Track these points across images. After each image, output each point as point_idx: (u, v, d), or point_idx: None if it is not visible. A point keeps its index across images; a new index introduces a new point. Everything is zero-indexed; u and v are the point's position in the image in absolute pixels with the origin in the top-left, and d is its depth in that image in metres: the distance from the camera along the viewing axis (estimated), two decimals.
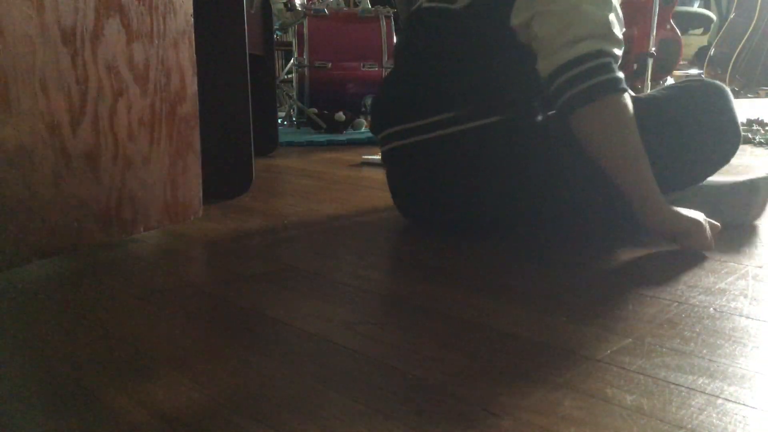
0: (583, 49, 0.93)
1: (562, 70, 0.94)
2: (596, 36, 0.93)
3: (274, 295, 0.87)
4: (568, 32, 0.94)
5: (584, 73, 0.93)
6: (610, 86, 0.93)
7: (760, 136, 2.40)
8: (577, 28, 0.94)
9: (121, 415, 0.56)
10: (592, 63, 0.93)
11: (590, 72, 0.93)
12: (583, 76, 0.93)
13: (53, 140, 0.91)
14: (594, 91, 0.93)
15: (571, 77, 0.93)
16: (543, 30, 0.96)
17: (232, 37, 1.49)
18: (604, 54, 0.93)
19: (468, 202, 1.09)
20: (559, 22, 0.95)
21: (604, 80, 0.93)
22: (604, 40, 0.94)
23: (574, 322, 0.76)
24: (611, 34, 0.94)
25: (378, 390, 0.60)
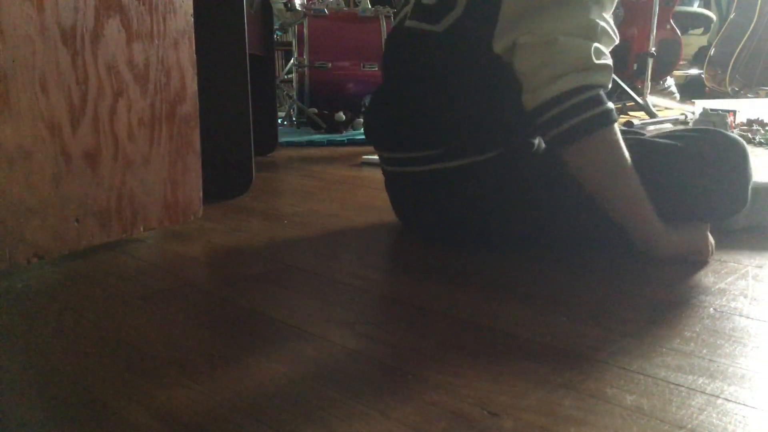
0: (564, 86, 0.89)
1: (546, 107, 0.90)
2: (577, 70, 0.89)
3: (274, 295, 0.87)
4: (546, 68, 0.90)
5: (567, 112, 0.89)
6: (595, 123, 0.90)
7: (760, 136, 2.40)
8: (555, 65, 0.89)
9: (121, 415, 0.56)
10: (575, 100, 0.89)
11: (574, 110, 0.89)
12: (567, 115, 0.89)
13: (53, 140, 0.91)
14: (579, 130, 0.89)
15: (555, 115, 0.90)
16: (523, 64, 0.92)
17: (232, 37, 1.48)
18: (587, 88, 0.89)
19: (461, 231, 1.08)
20: (538, 56, 0.91)
21: (589, 117, 0.89)
22: (586, 73, 0.89)
23: (574, 322, 0.76)
24: (593, 65, 0.89)
25: (378, 390, 0.60)
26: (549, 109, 0.90)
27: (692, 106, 3.37)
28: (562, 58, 0.89)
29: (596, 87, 0.90)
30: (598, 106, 0.90)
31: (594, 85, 0.90)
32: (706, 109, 2.68)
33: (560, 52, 0.89)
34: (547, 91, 0.90)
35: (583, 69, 0.89)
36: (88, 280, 0.94)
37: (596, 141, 0.91)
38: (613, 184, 0.94)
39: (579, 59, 0.89)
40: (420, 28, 1.05)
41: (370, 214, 1.33)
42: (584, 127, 0.89)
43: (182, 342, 0.72)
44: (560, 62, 0.89)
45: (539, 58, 0.90)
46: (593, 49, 0.89)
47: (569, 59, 0.89)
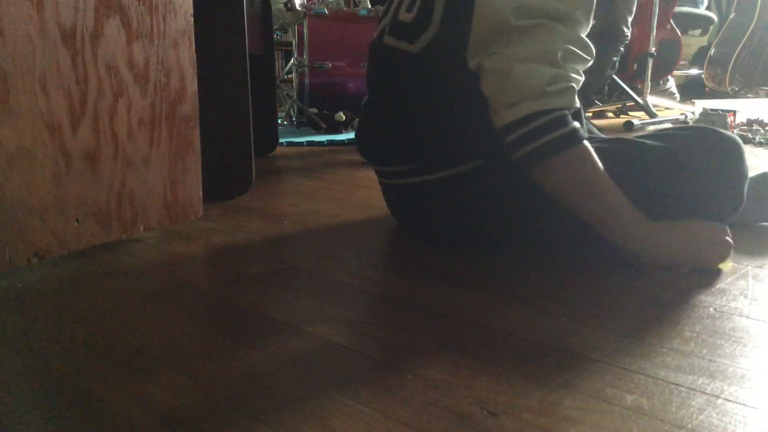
0: (519, 113, 0.90)
1: (507, 130, 0.92)
2: (531, 98, 0.90)
3: (274, 295, 0.87)
4: (503, 95, 0.92)
5: (526, 136, 0.91)
6: (554, 145, 0.90)
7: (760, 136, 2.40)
8: (509, 93, 0.91)
9: (121, 415, 0.56)
10: (532, 125, 0.90)
11: (532, 134, 0.90)
12: (526, 139, 0.91)
13: (53, 140, 0.91)
14: (540, 153, 0.91)
15: (515, 139, 0.91)
16: (485, 87, 0.94)
17: (232, 37, 1.48)
18: (541, 114, 0.90)
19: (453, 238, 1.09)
20: (496, 82, 0.93)
21: (547, 141, 0.90)
22: (540, 100, 0.90)
23: (574, 322, 0.76)
24: (546, 92, 0.90)
25: (378, 390, 0.60)
26: (510, 132, 0.92)
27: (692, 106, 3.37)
28: (516, 86, 0.90)
29: (554, 111, 0.90)
30: (557, 129, 0.90)
31: (551, 110, 0.90)
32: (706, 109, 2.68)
33: (514, 81, 0.90)
34: (506, 115, 0.92)
35: (537, 96, 0.90)
36: (88, 280, 0.94)
37: (559, 162, 0.91)
38: (586, 201, 0.94)
39: (531, 88, 0.90)
40: (397, 48, 1.05)
41: (369, 214, 1.33)
42: (544, 150, 0.90)
43: (182, 342, 0.72)
44: (513, 90, 0.90)
45: (497, 84, 0.92)
46: (549, 76, 0.90)
47: (522, 88, 0.90)
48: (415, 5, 1.03)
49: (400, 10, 1.08)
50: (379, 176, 1.18)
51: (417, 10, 1.03)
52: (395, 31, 1.07)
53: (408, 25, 1.04)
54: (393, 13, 1.10)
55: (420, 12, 1.02)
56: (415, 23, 1.03)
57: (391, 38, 1.08)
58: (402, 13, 1.07)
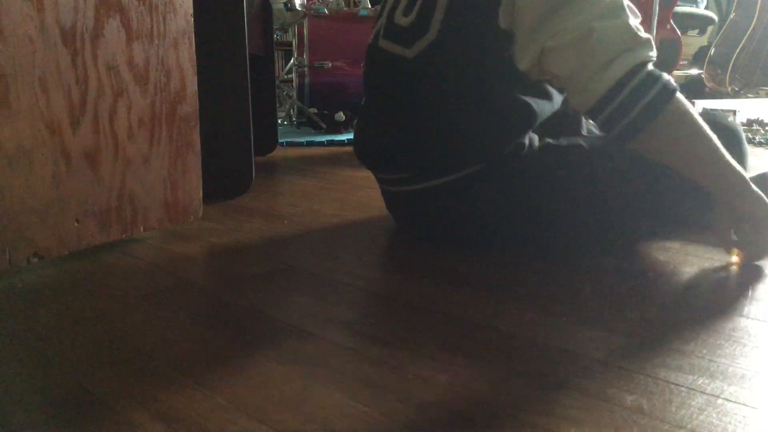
0: (617, 73, 0.84)
1: (604, 102, 0.85)
2: (624, 51, 0.84)
3: (274, 295, 0.87)
4: (592, 62, 0.85)
5: (631, 98, 0.84)
6: (662, 97, 0.85)
7: (760, 136, 2.40)
8: (600, 54, 0.84)
9: (120, 415, 0.56)
10: (633, 83, 0.84)
11: (637, 93, 0.84)
12: (631, 101, 0.84)
13: (53, 140, 0.91)
14: (650, 112, 0.84)
15: (618, 106, 0.85)
16: (562, 68, 0.88)
17: (232, 37, 1.48)
18: (640, 67, 0.84)
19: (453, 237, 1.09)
20: (577, 53, 0.86)
21: (655, 94, 0.84)
22: (635, 51, 0.84)
23: (574, 322, 0.76)
24: (637, 39, 0.85)
25: (378, 390, 0.60)
26: (608, 102, 0.85)
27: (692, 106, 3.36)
28: (605, 44, 0.85)
29: (646, 63, 0.86)
30: (657, 82, 0.85)
31: (645, 61, 0.86)
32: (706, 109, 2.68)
33: (599, 40, 0.84)
34: (599, 84, 0.85)
35: (630, 47, 0.85)
36: (88, 280, 0.94)
37: (667, 119, 0.86)
38: (696, 153, 0.90)
39: (623, 39, 0.85)
40: (392, 52, 1.04)
41: (369, 214, 1.33)
42: (652, 109, 0.85)
43: (182, 342, 0.72)
44: (604, 50, 0.85)
45: (578, 54, 0.86)
46: (632, 24, 0.86)
47: (613, 43, 0.85)
48: (413, 9, 1.01)
49: (396, 13, 1.06)
50: (378, 182, 1.18)
51: (415, 15, 1.01)
52: (390, 35, 1.06)
53: (404, 29, 1.02)
54: (388, 16, 1.08)
55: (418, 17, 1.00)
56: (412, 28, 1.01)
57: (385, 41, 1.06)
58: (399, 16, 1.05)
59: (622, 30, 0.85)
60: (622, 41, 0.85)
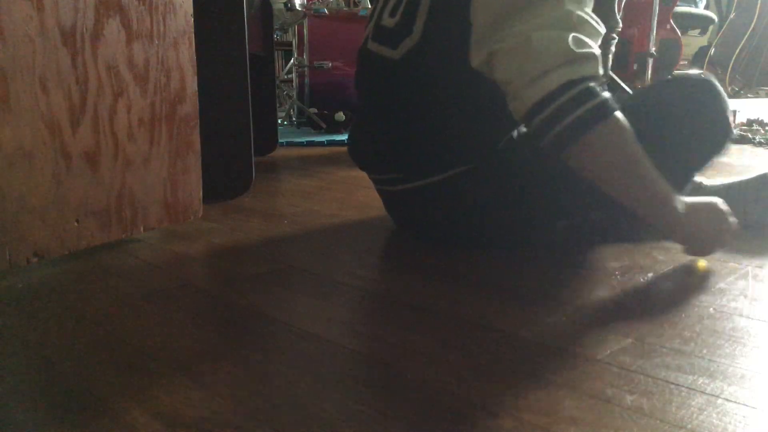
0: (549, 85, 0.82)
1: (535, 111, 0.84)
2: (559, 65, 0.82)
3: (274, 295, 0.87)
4: (525, 70, 0.84)
5: (559, 111, 0.82)
6: (591, 118, 0.83)
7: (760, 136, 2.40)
8: (534, 64, 0.83)
9: (121, 415, 0.56)
10: (564, 97, 0.82)
11: (565, 108, 0.82)
12: (559, 115, 0.83)
13: (53, 140, 0.91)
14: (575, 129, 0.83)
15: (546, 118, 0.83)
16: (501, 72, 0.87)
17: (232, 37, 1.48)
18: (573, 83, 0.83)
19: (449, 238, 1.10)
20: (515, 60, 0.85)
21: (583, 113, 0.82)
22: (570, 67, 0.83)
23: (574, 322, 0.76)
24: (575, 55, 0.83)
25: (378, 390, 0.60)
26: (538, 112, 0.84)
27: None
28: (541, 55, 0.83)
29: (584, 80, 0.84)
30: (590, 99, 0.83)
31: (581, 78, 0.83)
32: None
33: (536, 50, 0.83)
34: (531, 93, 0.84)
35: (565, 62, 0.83)
36: (88, 280, 0.94)
37: (597, 137, 0.84)
38: (625, 178, 0.88)
39: (557, 52, 0.83)
40: (380, 54, 1.04)
41: (369, 214, 1.33)
42: (580, 124, 0.83)
43: (182, 342, 0.72)
44: (538, 60, 0.83)
45: (516, 61, 0.85)
46: (571, 39, 0.83)
47: (547, 54, 0.83)
48: (398, 11, 1.02)
49: (383, 14, 1.06)
50: (372, 182, 1.18)
51: (399, 16, 1.01)
52: (378, 37, 1.06)
53: (390, 30, 1.03)
54: (376, 18, 1.08)
55: (402, 18, 1.00)
56: (397, 29, 1.01)
57: (374, 43, 1.07)
58: (385, 18, 1.05)
59: (558, 43, 0.83)
60: (557, 55, 0.83)
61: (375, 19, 1.09)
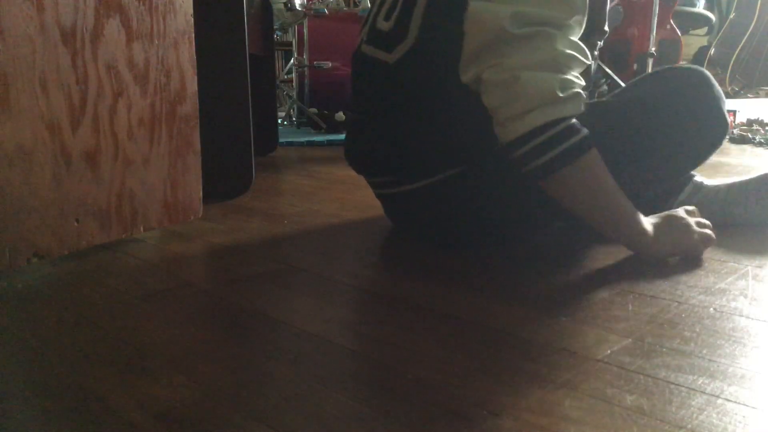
0: (533, 122, 0.87)
1: (518, 143, 0.89)
2: (544, 105, 0.87)
3: (274, 295, 0.87)
4: (512, 106, 0.88)
5: (541, 146, 0.88)
6: (570, 154, 0.88)
7: (760, 136, 2.40)
8: (519, 103, 0.87)
9: (121, 415, 0.56)
10: (546, 135, 0.88)
11: (547, 144, 0.88)
12: (541, 150, 0.88)
13: (53, 140, 0.91)
14: (555, 163, 0.89)
15: (529, 151, 0.89)
16: (489, 100, 0.91)
17: (232, 37, 1.49)
18: (556, 122, 0.88)
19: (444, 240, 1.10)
20: (503, 94, 0.89)
21: (564, 150, 0.88)
22: (554, 107, 0.87)
23: (574, 322, 0.76)
24: (558, 98, 0.88)
25: (378, 390, 0.60)
26: (521, 144, 0.89)
27: None
28: (526, 94, 0.87)
29: (565, 119, 0.89)
30: (571, 137, 0.89)
31: (563, 119, 0.88)
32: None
33: (524, 89, 0.87)
34: (517, 126, 0.89)
35: (550, 103, 0.88)
36: (88, 280, 0.94)
37: (574, 171, 0.90)
38: (595, 207, 0.94)
39: (543, 95, 0.87)
40: (374, 57, 1.05)
41: (369, 214, 1.33)
42: (560, 160, 0.89)
43: (182, 342, 0.72)
44: (525, 99, 0.88)
45: (504, 94, 0.89)
46: (559, 83, 0.88)
47: (534, 95, 0.87)
48: (393, 14, 1.02)
49: (378, 18, 1.06)
50: (369, 185, 1.19)
51: (394, 20, 1.01)
52: (373, 40, 1.06)
53: (385, 34, 1.03)
54: (372, 21, 1.08)
55: (397, 22, 1.00)
56: (392, 33, 1.01)
57: (368, 47, 1.07)
58: (380, 21, 1.05)
59: (545, 86, 0.87)
60: (543, 97, 0.87)
61: (370, 22, 1.09)
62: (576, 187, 0.93)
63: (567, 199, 0.94)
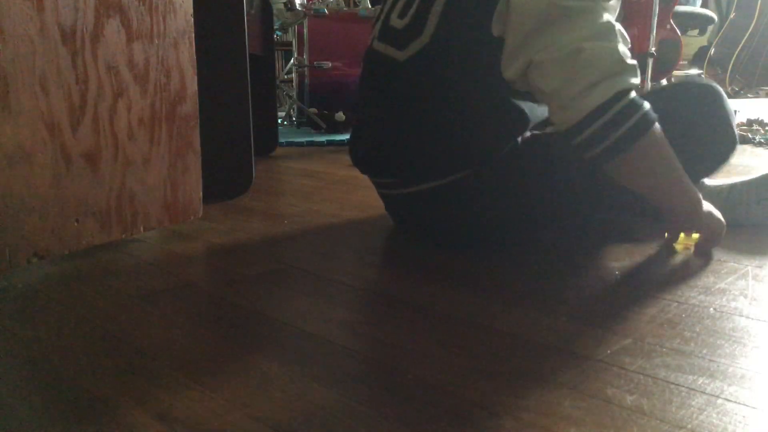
0: (602, 96, 0.84)
1: (585, 123, 0.86)
2: (611, 75, 0.85)
3: (274, 295, 0.87)
4: (577, 81, 0.85)
5: (611, 124, 0.85)
6: (640, 128, 0.86)
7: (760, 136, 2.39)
8: (586, 75, 0.84)
9: (121, 415, 0.56)
10: (615, 109, 0.85)
11: (617, 120, 0.85)
12: (611, 127, 0.85)
13: (53, 140, 0.91)
14: (628, 140, 0.86)
15: (597, 130, 0.85)
16: (547, 83, 0.87)
17: (232, 37, 1.48)
18: (623, 94, 0.85)
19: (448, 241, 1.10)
20: (564, 70, 0.86)
21: (634, 124, 0.85)
22: (621, 77, 0.85)
23: (574, 322, 0.76)
24: (627, 66, 0.86)
25: (378, 390, 0.60)
26: (589, 124, 0.86)
27: None
28: (593, 65, 0.85)
29: (631, 90, 0.87)
30: (638, 110, 0.87)
31: (629, 88, 0.86)
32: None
33: (588, 60, 0.84)
34: (582, 105, 0.85)
35: (618, 73, 0.85)
36: (88, 280, 0.94)
37: (644, 146, 0.88)
38: (664, 180, 0.94)
39: (611, 63, 0.85)
40: (385, 54, 1.04)
41: (369, 214, 1.33)
42: (631, 135, 0.86)
43: (182, 342, 0.72)
44: (591, 70, 0.85)
45: (565, 71, 0.86)
46: (621, 52, 0.86)
47: (601, 65, 0.85)
48: (409, 12, 1.01)
49: (392, 15, 1.05)
50: (374, 185, 1.18)
51: (410, 17, 1.00)
52: (385, 37, 1.05)
53: (399, 31, 1.02)
54: (384, 18, 1.08)
55: (413, 19, 0.99)
56: (407, 31, 1.00)
57: (380, 44, 1.06)
58: (394, 18, 1.04)
59: (610, 54, 0.85)
60: (610, 65, 0.85)
61: (383, 19, 1.08)
62: (643, 165, 0.91)
63: (630, 177, 0.93)
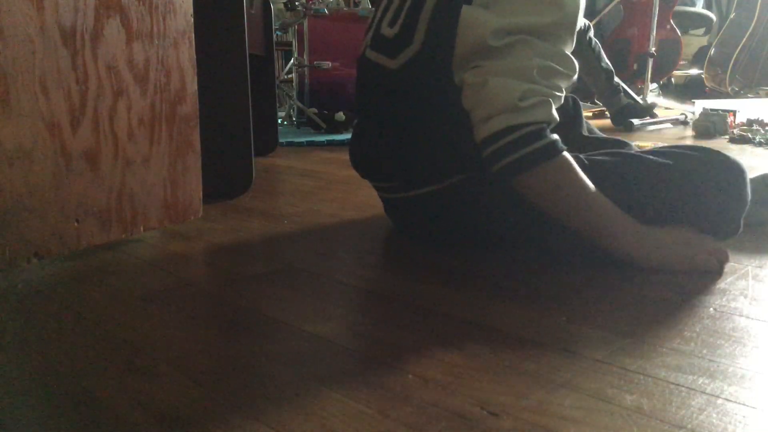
0: (494, 127, 0.91)
1: (484, 145, 0.93)
2: (505, 112, 0.90)
3: (274, 295, 0.87)
4: (479, 109, 0.92)
5: (502, 150, 0.91)
6: (530, 159, 0.90)
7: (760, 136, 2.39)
8: (484, 107, 0.91)
9: (121, 415, 0.56)
10: (507, 139, 0.90)
11: (508, 148, 0.91)
12: (501, 153, 0.91)
13: (53, 140, 0.91)
14: (514, 168, 0.91)
15: (492, 153, 0.92)
16: (465, 101, 0.95)
17: (232, 37, 1.48)
18: (517, 128, 0.90)
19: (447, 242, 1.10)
20: (473, 96, 0.93)
21: (523, 154, 0.90)
22: (514, 114, 0.90)
23: (574, 322, 0.76)
24: (519, 107, 0.90)
25: (378, 390, 0.60)
26: (486, 147, 0.92)
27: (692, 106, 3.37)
28: (489, 100, 0.91)
29: (529, 125, 0.90)
30: (532, 143, 0.90)
31: (525, 124, 0.90)
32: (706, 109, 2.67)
33: (487, 95, 0.91)
34: (482, 129, 0.92)
35: (510, 110, 0.90)
36: (88, 280, 0.94)
37: (537, 175, 0.92)
38: (570, 211, 0.95)
39: (504, 102, 0.90)
40: (377, 62, 1.05)
41: (369, 214, 1.33)
42: (519, 164, 0.90)
43: (182, 342, 0.72)
44: (487, 104, 0.91)
45: (474, 97, 0.93)
46: (522, 91, 0.89)
47: (494, 101, 0.90)
48: (398, 21, 1.02)
49: (382, 24, 1.06)
50: (374, 188, 1.19)
51: (400, 26, 1.02)
52: (377, 45, 1.07)
53: (390, 40, 1.03)
54: (376, 27, 1.09)
55: (402, 28, 1.01)
56: (397, 39, 1.02)
57: (372, 52, 1.07)
58: (384, 27, 1.05)
59: (508, 94, 0.90)
60: (504, 103, 0.90)
61: (374, 27, 1.09)
62: (543, 190, 0.94)
63: (537, 202, 0.95)
